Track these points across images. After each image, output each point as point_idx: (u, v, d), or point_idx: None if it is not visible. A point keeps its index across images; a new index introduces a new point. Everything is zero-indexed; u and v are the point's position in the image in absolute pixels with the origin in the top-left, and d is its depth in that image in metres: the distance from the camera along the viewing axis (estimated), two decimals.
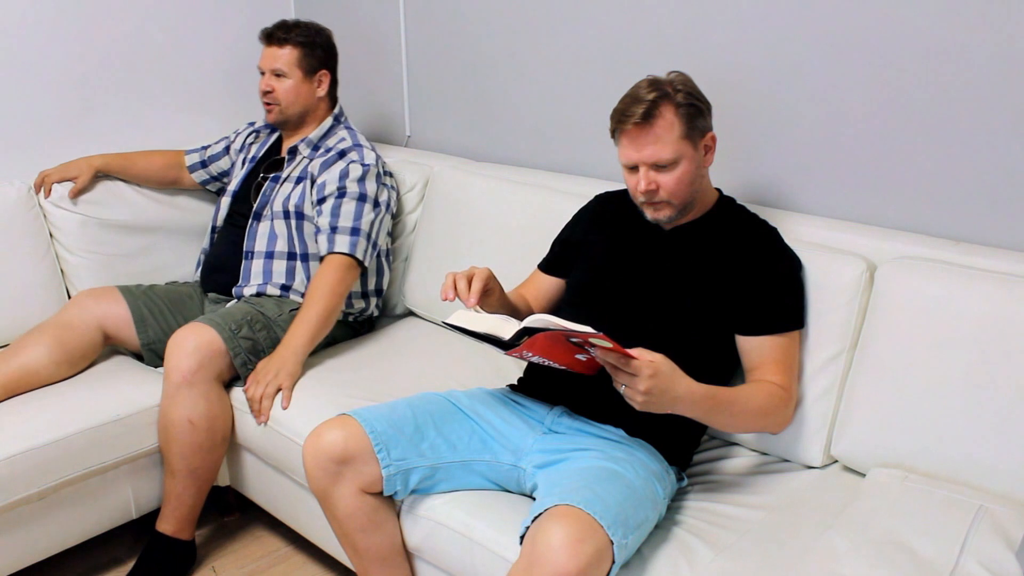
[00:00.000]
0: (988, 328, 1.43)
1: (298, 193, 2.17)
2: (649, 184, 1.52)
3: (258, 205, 2.20)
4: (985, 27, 1.54)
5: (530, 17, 2.26)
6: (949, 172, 1.65)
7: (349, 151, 2.20)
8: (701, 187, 1.59)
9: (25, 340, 1.99)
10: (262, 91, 2.22)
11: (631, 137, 1.51)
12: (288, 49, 2.19)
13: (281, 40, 2.20)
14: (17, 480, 1.76)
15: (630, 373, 1.29)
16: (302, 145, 2.23)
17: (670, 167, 1.51)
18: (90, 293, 2.13)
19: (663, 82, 1.53)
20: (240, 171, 2.33)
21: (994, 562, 1.20)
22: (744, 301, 1.56)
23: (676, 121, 1.49)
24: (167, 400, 1.90)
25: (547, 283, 1.83)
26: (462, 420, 1.62)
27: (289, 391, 1.91)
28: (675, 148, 1.50)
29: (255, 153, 2.35)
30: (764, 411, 1.52)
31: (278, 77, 2.20)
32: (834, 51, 1.73)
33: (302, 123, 2.26)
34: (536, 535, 1.28)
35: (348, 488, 1.56)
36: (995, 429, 1.41)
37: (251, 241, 2.18)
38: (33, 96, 2.39)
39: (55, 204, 2.27)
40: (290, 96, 2.20)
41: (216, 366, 1.91)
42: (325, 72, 2.25)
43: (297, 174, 2.21)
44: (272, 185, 2.21)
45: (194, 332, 1.91)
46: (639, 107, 1.48)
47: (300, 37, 2.20)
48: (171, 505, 1.95)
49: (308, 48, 2.21)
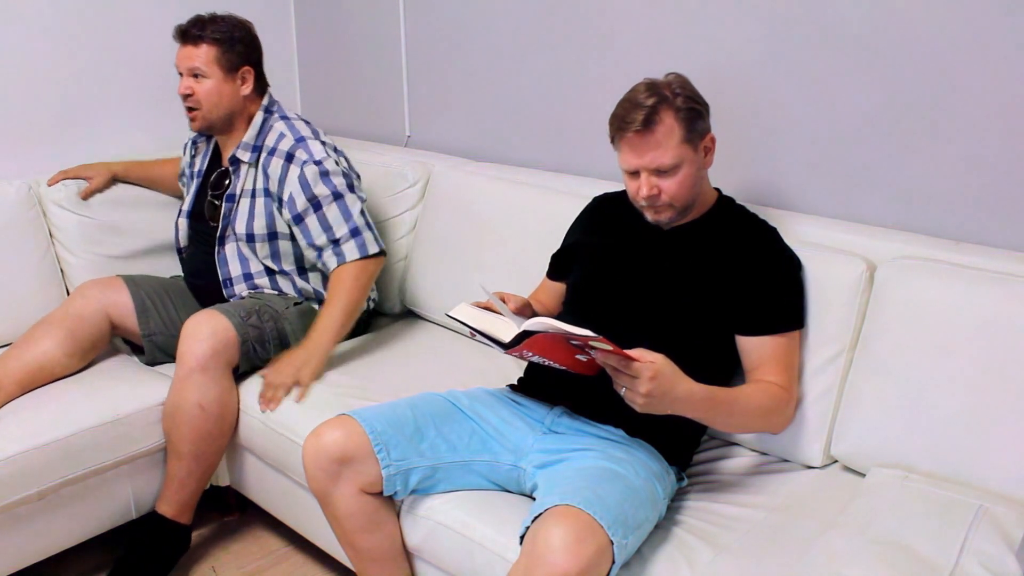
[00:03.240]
0: (988, 328, 1.43)
1: (261, 211, 2.08)
2: (651, 189, 1.52)
3: (220, 229, 2.12)
4: (985, 27, 1.54)
5: (530, 17, 2.26)
6: (949, 172, 1.65)
7: (295, 150, 2.06)
8: (702, 188, 1.59)
9: (35, 333, 1.98)
10: (181, 95, 2.07)
11: (631, 144, 1.51)
12: (204, 47, 2.03)
13: (196, 38, 2.04)
14: (17, 480, 1.76)
15: (631, 375, 1.29)
16: (240, 151, 2.10)
17: (671, 172, 1.51)
18: (95, 283, 2.12)
19: (661, 85, 1.52)
20: (191, 187, 2.24)
21: (994, 562, 1.20)
22: (744, 301, 1.56)
23: (676, 126, 1.49)
24: (179, 383, 1.90)
25: (555, 288, 1.83)
26: (462, 420, 1.62)
27: (306, 388, 1.92)
28: (676, 153, 1.49)
29: (200, 166, 2.23)
30: (764, 411, 1.53)
31: (196, 78, 2.05)
32: (834, 51, 1.73)
33: (231, 126, 2.12)
34: (536, 535, 1.28)
35: (348, 488, 1.56)
36: (995, 429, 1.41)
37: (224, 268, 2.13)
38: (33, 96, 2.39)
39: (56, 204, 2.27)
40: (212, 98, 2.05)
41: (229, 354, 1.92)
42: (248, 68, 2.09)
43: (250, 187, 2.10)
44: (229, 206, 2.11)
45: (210, 319, 1.91)
46: (639, 113, 1.48)
47: (216, 33, 2.04)
48: (173, 488, 1.95)
49: (226, 44, 2.05)
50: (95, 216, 2.31)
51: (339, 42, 2.28)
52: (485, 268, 2.15)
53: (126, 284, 2.12)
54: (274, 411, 1.90)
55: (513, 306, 1.56)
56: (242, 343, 1.94)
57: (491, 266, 2.14)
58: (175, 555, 1.98)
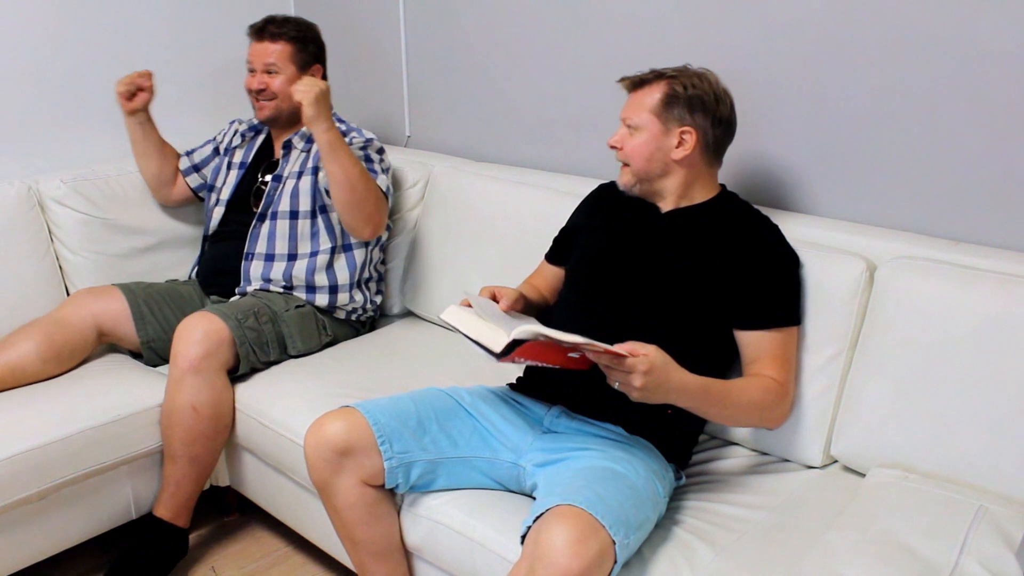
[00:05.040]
0: (988, 328, 1.43)
1: (307, 189, 2.15)
2: (615, 140, 1.64)
3: (263, 207, 2.19)
4: (985, 27, 1.55)
5: (530, 17, 2.26)
6: (949, 172, 1.65)
7: (347, 133, 2.17)
8: (665, 170, 1.62)
9: (14, 337, 1.99)
10: (254, 89, 2.18)
11: (628, 96, 1.65)
12: (281, 44, 2.17)
13: (274, 35, 2.17)
14: (17, 480, 1.76)
15: (624, 371, 1.30)
16: (296, 138, 2.22)
17: (635, 132, 1.61)
18: (88, 291, 2.14)
19: (686, 70, 1.62)
20: (230, 178, 2.30)
21: (994, 562, 1.20)
22: (741, 294, 1.56)
23: (656, 97, 1.59)
24: (172, 386, 1.90)
25: (552, 273, 1.84)
26: (464, 416, 1.63)
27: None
28: (642, 117, 1.60)
29: (243, 159, 2.31)
30: (759, 404, 1.52)
31: (271, 74, 2.17)
32: (834, 50, 1.73)
33: (295, 119, 2.20)
34: (538, 535, 1.28)
35: (349, 479, 1.56)
36: (995, 429, 1.41)
37: (252, 243, 2.18)
38: (33, 96, 2.38)
39: (57, 201, 2.27)
40: (286, 92, 2.15)
41: (223, 355, 1.92)
42: (317, 67, 2.24)
43: (298, 169, 2.19)
44: (275, 185, 2.20)
45: (203, 320, 1.92)
46: (642, 75, 1.63)
47: (293, 32, 2.18)
48: (169, 491, 1.95)
49: (301, 43, 2.19)
50: (96, 214, 2.30)
51: (339, 42, 2.29)
52: (485, 268, 2.15)
53: (122, 292, 2.13)
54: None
55: (505, 304, 1.56)
56: (240, 345, 1.95)
57: (491, 266, 2.14)
58: (172, 559, 1.98)
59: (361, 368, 2.05)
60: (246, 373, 2.01)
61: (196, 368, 1.88)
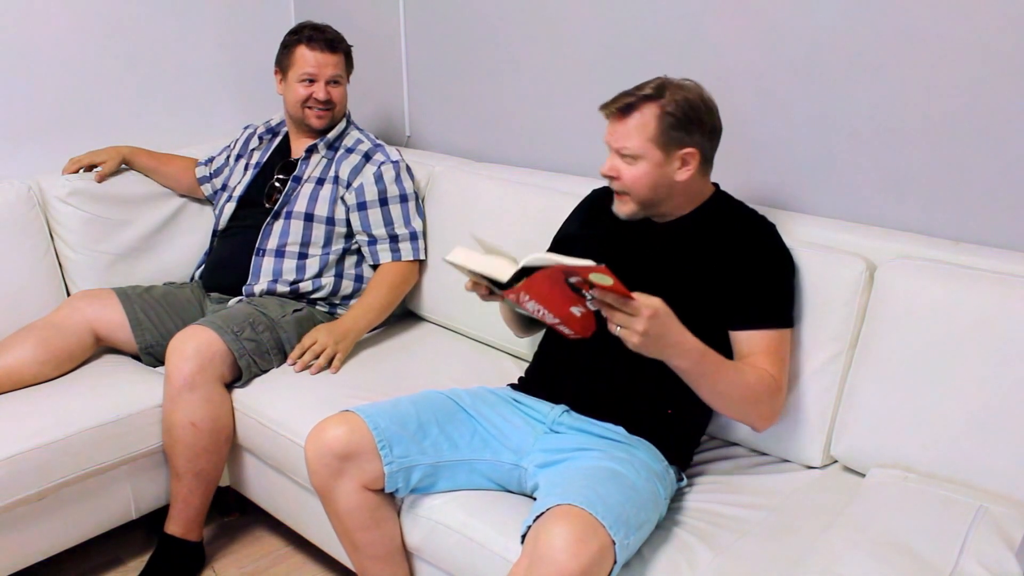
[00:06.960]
0: (988, 328, 1.43)
1: (326, 196, 2.17)
2: (610, 170, 1.58)
3: (279, 205, 2.19)
4: (984, 26, 1.55)
5: (530, 17, 2.26)
6: (949, 172, 1.65)
7: (373, 152, 2.22)
8: (670, 194, 1.58)
9: (11, 340, 2.00)
10: (320, 99, 2.18)
11: (611, 123, 1.57)
12: (340, 56, 2.21)
13: (336, 47, 2.20)
14: (17, 480, 1.76)
15: (628, 313, 1.29)
16: (320, 144, 2.23)
17: (633, 161, 1.54)
18: (84, 295, 2.14)
19: (666, 84, 1.54)
20: (244, 176, 2.32)
21: (994, 562, 1.20)
22: (734, 294, 1.56)
23: (652, 124, 1.52)
24: (169, 403, 1.90)
25: None
26: (464, 419, 1.63)
27: (340, 362, 2.02)
28: (641, 147, 1.52)
29: (259, 159, 2.33)
30: (752, 389, 1.50)
31: (334, 84, 2.20)
32: (834, 50, 1.73)
33: (334, 126, 2.26)
34: (538, 535, 1.28)
35: (350, 484, 1.56)
36: (995, 429, 1.41)
37: (265, 239, 2.18)
38: (33, 96, 2.39)
39: (59, 199, 2.27)
40: (344, 102, 2.23)
41: (217, 368, 1.91)
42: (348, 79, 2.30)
43: (318, 174, 2.21)
44: (294, 186, 2.20)
45: (193, 335, 1.91)
46: (625, 100, 1.53)
47: (345, 44, 2.24)
48: (178, 507, 1.96)
49: (349, 56, 2.26)
50: (97, 212, 2.30)
51: None
52: None
53: (118, 297, 2.13)
54: (305, 371, 1.99)
55: None
56: (240, 358, 1.94)
57: None
58: (192, 573, 2.00)
59: (362, 368, 2.05)
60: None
61: (191, 384, 1.87)
